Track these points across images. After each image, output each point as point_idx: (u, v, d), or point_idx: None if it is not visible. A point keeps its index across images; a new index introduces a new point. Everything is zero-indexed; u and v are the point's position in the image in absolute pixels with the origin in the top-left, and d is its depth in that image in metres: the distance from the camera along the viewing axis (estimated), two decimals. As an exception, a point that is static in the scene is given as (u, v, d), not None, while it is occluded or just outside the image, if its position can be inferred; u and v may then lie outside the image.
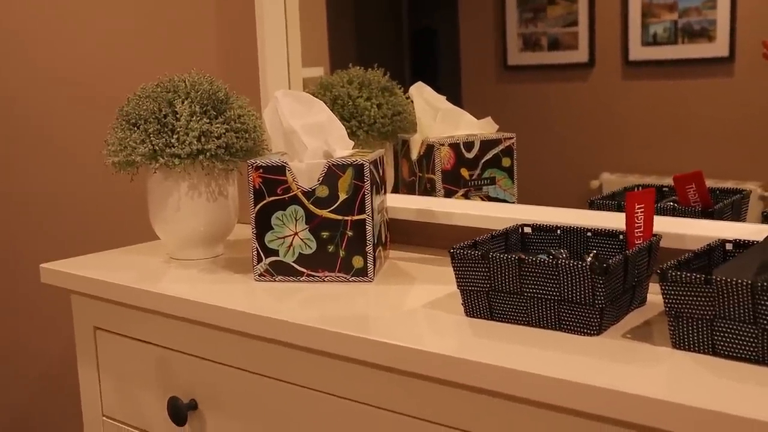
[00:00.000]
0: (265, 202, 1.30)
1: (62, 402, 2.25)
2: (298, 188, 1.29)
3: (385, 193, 1.40)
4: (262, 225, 1.30)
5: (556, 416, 0.92)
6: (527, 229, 1.22)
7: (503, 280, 1.05)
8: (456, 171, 1.48)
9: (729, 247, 1.08)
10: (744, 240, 1.07)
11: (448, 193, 1.49)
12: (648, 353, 0.95)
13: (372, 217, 1.28)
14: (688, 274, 0.92)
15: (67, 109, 2.11)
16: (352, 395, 1.10)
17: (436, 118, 1.53)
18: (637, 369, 0.90)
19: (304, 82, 1.64)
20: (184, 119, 1.37)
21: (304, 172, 1.28)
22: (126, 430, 1.42)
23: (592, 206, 1.35)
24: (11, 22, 2.19)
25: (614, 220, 1.20)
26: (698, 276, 0.92)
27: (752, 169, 1.32)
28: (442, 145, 1.48)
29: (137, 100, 1.42)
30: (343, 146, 1.34)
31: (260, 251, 1.31)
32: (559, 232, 1.20)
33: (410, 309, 1.16)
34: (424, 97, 1.55)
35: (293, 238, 1.30)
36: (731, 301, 0.90)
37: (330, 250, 1.29)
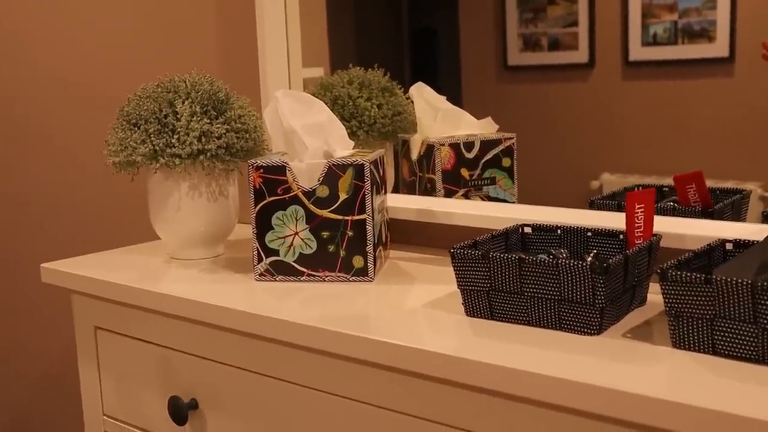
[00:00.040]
0: (265, 202, 1.30)
1: (63, 401, 2.25)
2: (298, 188, 1.29)
3: (386, 193, 1.40)
4: (263, 225, 1.30)
5: (557, 415, 0.92)
6: (527, 229, 1.22)
7: (503, 280, 1.05)
8: (456, 171, 1.48)
9: (729, 246, 1.08)
10: (744, 240, 1.07)
11: (449, 193, 1.49)
12: (648, 353, 0.95)
13: (372, 217, 1.28)
14: (689, 273, 0.92)
15: (67, 109, 2.11)
16: (352, 395, 1.10)
17: (437, 118, 1.53)
18: (637, 368, 0.90)
19: (305, 83, 1.64)
20: (185, 119, 1.37)
21: (305, 172, 1.28)
22: (127, 429, 1.42)
23: (593, 206, 1.35)
24: (11, 22, 2.20)
25: (614, 220, 1.20)
26: (698, 276, 0.92)
27: (752, 170, 1.33)
28: (443, 145, 1.48)
29: (138, 101, 1.42)
30: (343, 146, 1.34)
31: (261, 251, 1.31)
32: (559, 232, 1.20)
33: (411, 309, 1.16)
34: (424, 98, 1.55)
35: (294, 237, 1.30)
36: (731, 301, 0.90)
37: (330, 249, 1.29)
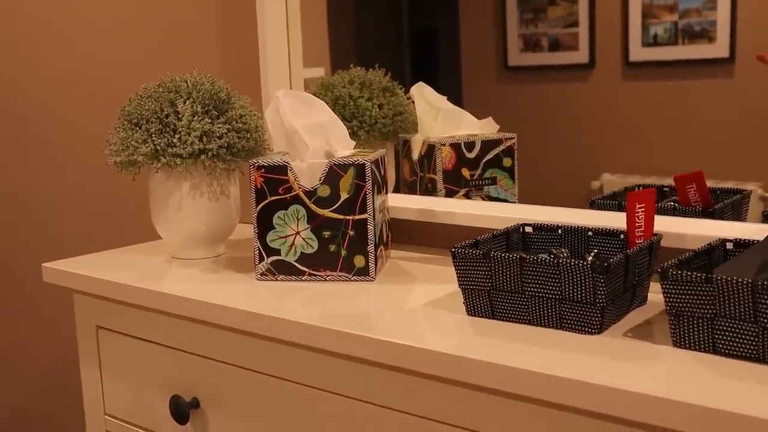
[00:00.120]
0: (266, 201, 1.30)
1: (64, 401, 2.26)
2: (299, 188, 1.29)
3: (387, 193, 1.40)
4: (264, 224, 1.30)
5: (558, 414, 0.92)
6: (528, 229, 1.22)
7: (504, 279, 1.06)
8: (457, 171, 1.48)
9: (729, 246, 1.08)
10: (744, 239, 1.08)
11: (450, 193, 1.49)
12: (649, 352, 0.95)
13: (373, 217, 1.29)
14: (689, 273, 0.93)
15: (68, 109, 2.11)
16: (353, 394, 1.10)
17: (437, 118, 1.53)
18: (638, 367, 0.91)
19: (306, 83, 1.64)
20: (186, 119, 1.37)
21: (306, 171, 1.29)
22: (128, 428, 1.42)
23: (593, 206, 1.35)
24: (11, 22, 2.20)
25: (615, 220, 1.20)
26: (699, 275, 0.92)
27: (752, 170, 1.33)
28: (443, 145, 1.48)
29: (139, 100, 1.42)
30: (344, 146, 1.34)
31: (262, 251, 1.31)
32: (560, 231, 1.21)
33: (412, 308, 1.16)
34: (425, 98, 1.55)
35: (295, 237, 1.30)
36: (732, 300, 0.90)
37: (332, 249, 1.29)
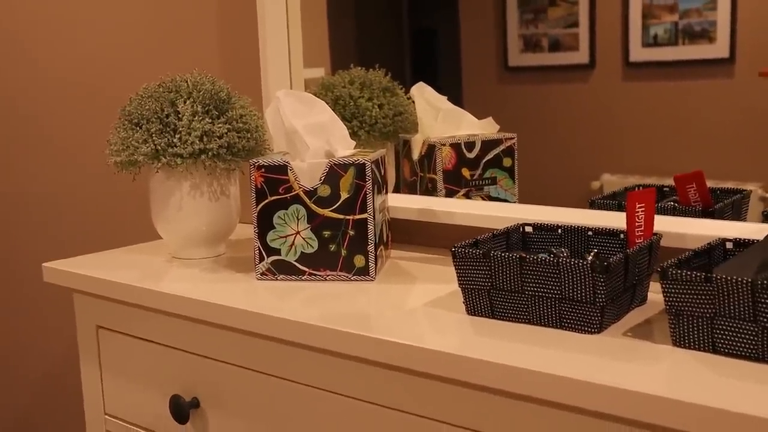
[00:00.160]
0: (266, 201, 1.30)
1: (65, 400, 2.26)
2: (299, 187, 1.29)
3: (387, 193, 1.40)
4: (264, 224, 1.31)
5: (558, 413, 0.92)
6: (528, 228, 1.22)
7: (504, 279, 1.06)
8: (457, 171, 1.49)
9: (729, 246, 1.08)
10: (744, 239, 1.08)
11: (450, 193, 1.49)
12: (649, 351, 0.95)
13: (373, 217, 1.29)
14: (689, 272, 0.93)
15: (68, 109, 2.12)
16: (353, 393, 1.10)
17: (438, 118, 1.53)
18: (637, 366, 0.91)
19: (306, 83, 1.64)
20: (186, 119, 1.38)
21: (306, 171, 1.29)
22: (128, 428, 1.43)
23: (593, 206, 1.35)
24: (11, 22, 2.20)
25: (615, 220, 1.21)
26: (699, 274, 0.92)
27: (752, 170, 1.33)
28: (444, 145, 1.48)
29: (139, 100, 1.42)
30: (344, 146, 1.34)
31: (262, 250, 1.31)
32: (560, 231, 1.21)
33: (412, 307, 1.16)
34: (425, 98, 1.55)
35: (295, 237, 1.30)
36: (731, 299, 0.90)
37: (332, 249, 1.29)
